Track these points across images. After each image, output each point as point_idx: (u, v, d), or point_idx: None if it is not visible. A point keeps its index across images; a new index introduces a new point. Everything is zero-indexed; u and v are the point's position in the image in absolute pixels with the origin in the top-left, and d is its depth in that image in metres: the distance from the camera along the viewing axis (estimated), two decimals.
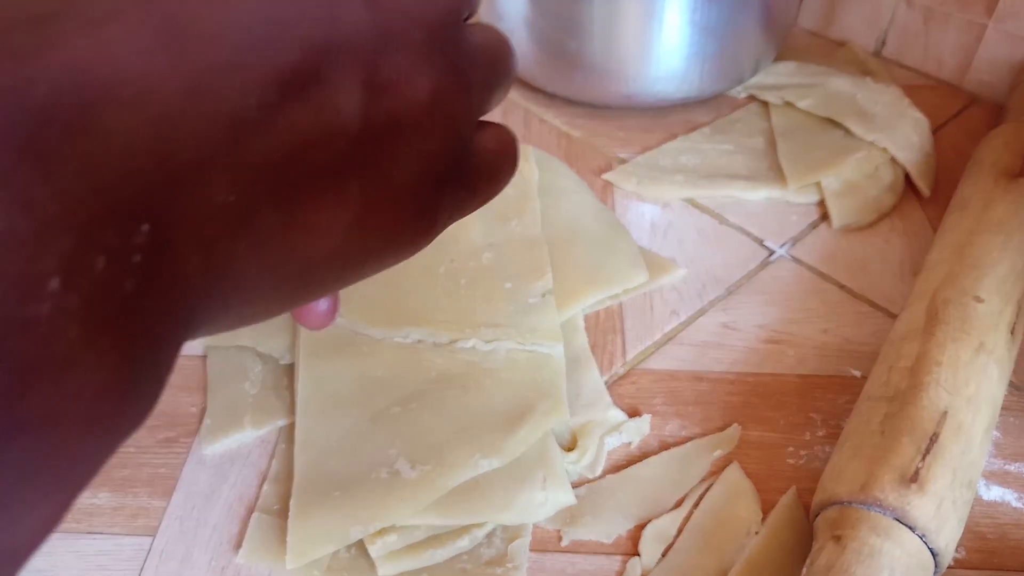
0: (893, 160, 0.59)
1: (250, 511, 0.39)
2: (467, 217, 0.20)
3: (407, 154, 0.16)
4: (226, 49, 0.13)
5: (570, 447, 0.41)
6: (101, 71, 0.11)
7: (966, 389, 0.37)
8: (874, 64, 0.72)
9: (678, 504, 0.39)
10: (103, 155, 0.11)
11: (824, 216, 0.56)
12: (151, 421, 0.42)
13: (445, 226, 0.19)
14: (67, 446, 0.11)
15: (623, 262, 0.50)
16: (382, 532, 0.36)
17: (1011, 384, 0.43)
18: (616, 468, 0.40)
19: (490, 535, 0.37)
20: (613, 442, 0.41)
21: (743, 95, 0.68)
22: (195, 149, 0.12)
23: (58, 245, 0.11)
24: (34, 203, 0.10)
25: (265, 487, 0.39)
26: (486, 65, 0.18)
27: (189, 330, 0.14)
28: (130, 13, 0.12)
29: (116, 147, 0.11)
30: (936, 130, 0.64)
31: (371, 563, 0.36)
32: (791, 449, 0.41)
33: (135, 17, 0.12)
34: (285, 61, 0.13)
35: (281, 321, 0.46)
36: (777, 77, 0.68)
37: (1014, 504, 0.39)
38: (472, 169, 0.18)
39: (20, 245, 0.10)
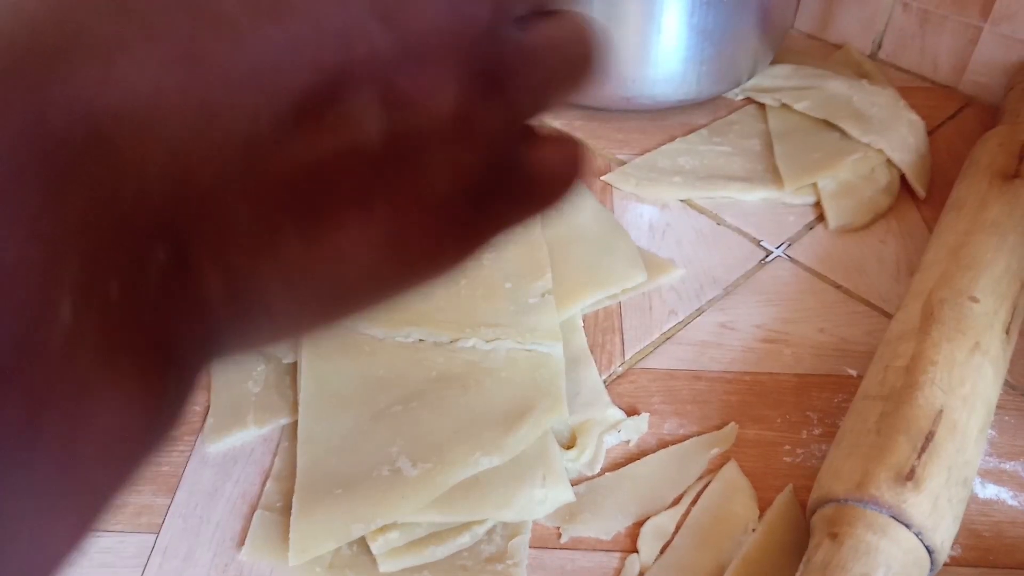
0: (889, 161, 0.59)
1: (253, 508, 0.39)
2: None
3: (436, 170, 0.15)
4: (237, 74, 0.12)
5: (569, 445, 0.41)
6: (112, 98, 0.11)
7: (961, 388, 0.37)
8: (870, 66, 0.72)
9: (676, 501, 0.39)
10: (115, 180, 0.11)
11: (820, 217, 0.57)
12: None
13: (494, 239, 0.18)
14: (84, 471, 0.11)
15: (622, 262, 0.51)
16: (384, 529, 0.36)
17: (1006, 383, 0.44)
18: (615, 466, 0.41)
19: (490, 532, 0.37)
20: (612, 440, 0.42)
21: (740, 97, 0.68)
22: (210, 173, 0.12)
23: (68, 271, 0.10)
24: (44, 229, 0.10)
25: (268, 485, 0.40)
26: (537, 68, 0.17)
27: (213, 351, 0.14)
28: (138, 44, 0.12)
29: (128, 172, 0.11)
30: (932, 132, 0.64)
31: (373, 560, 0.36)
32: (788, 447, 0.41)
33: (143, 47, 0.12)
34: (298, 84, 0.13)
35: None
36: (774, 79, 0.68)
37: (1009, 502, 0.39)
38: (522, 182, 0.17)
39: (29, 271, 0.10)
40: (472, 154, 0.16)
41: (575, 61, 0.17)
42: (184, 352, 0.13)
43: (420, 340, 0.45)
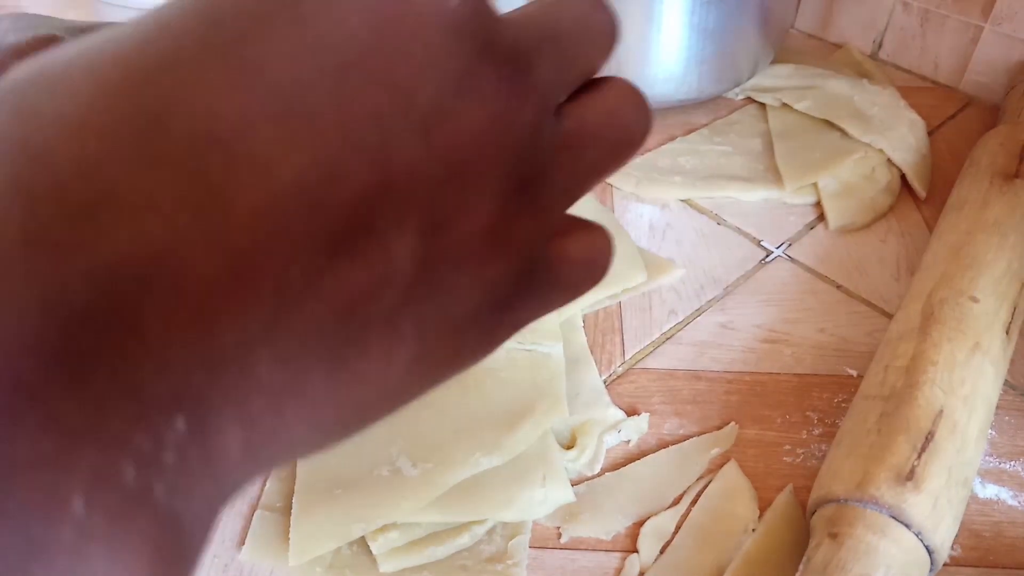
0: (889, 161, 0.59)
1: (253, 509, 0.39)
2: None
3: (466, 286, 0.14)
4: (270, 217, 0.11)
5: (569, 445, 0.41)
6: (140, 263, 0.10)
7: (961, 388, 0.37)
8: (871, 66, 0.72)
9: (676, 501, 0.39)
10: (139, 354, 0.10)
11: (821, 217, 0.57)
12: None
13: (512, 336, 0.17)
14: None
15: (622, 262, 0.51)
16: (384, 529, 0.36)
17: (1006, 383, 0.44)
18: (615, 466, 0.41)
19: (490, 532, 0.37)
20: (612, 440, 0.42)
21: (741, 97, 0.68)
22: (236, 331, 0.11)
23: (83, 461, 0.10)
24: (59, 417, 0.09)
25: (268, 485, 0.40)
26: (579, 161, 0.15)
27: (226, 502, 0.13)
28: (167, 198, 0.11)
29: (152, 344, 0.10)
30: (932, 131, 0.64)
31: (373, 560, 0.36)
32: (788, 447, 0.41)
33: (172, 202, 0.11)
34: (333, 219, 0.12)
35: None
36: (775, 79, 0.68)
37: (1009, 502, 0.39)
38: (547, 280, 0.16)
39: (41, 466, 0.09)
40: (503, 267, 0.15)
41: (619, 142, 0.16)
42: (198, 521, 0.12)
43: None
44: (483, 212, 0.14)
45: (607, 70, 0.17)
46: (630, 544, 0.38)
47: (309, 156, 0.11)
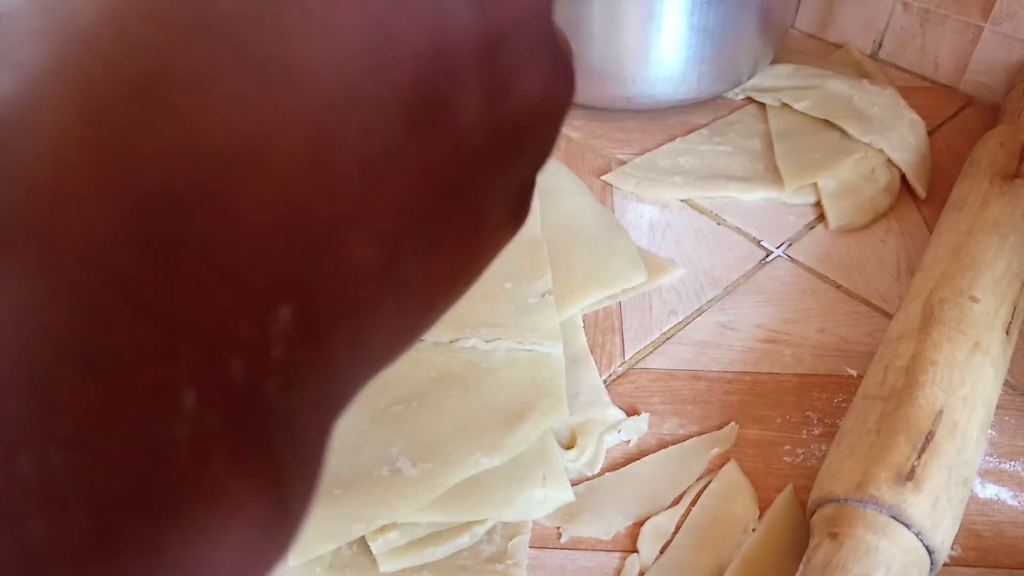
0: (889, 161, 0.59)
1: None
2: None
3: (523, 159, 0.14)
4: (340, 84, 0.11)
5: (569, 445, 0.41)
6: (215, 138, 0.10)
7: (961, 388, 0.37)
8: (871, 66, 0.72)
9: (676, 501, 0.39)
10: (229, 236, 0.10)
11: (821, 217, 0.57)
12: None
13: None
14: None
15: (622, 262, 0.51)
16: (384, 529, 0.36)
17: (1006, 383, 0.44)
18: (615, 466, 0.41)
19: (490, 532, 0.37)
20: (612, 440, 0.42)
21: (741, 97, 0.68)
22: (327, 208, 0.11)
23: (189, 351, 0.09)
24: (156, 305, 0.09)
25: None
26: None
27: (336, 416, 0.12)
28: (231, 68, 0.10)
29: (243, 223, 0.10)
30: (932, 131, 0.64)
31: (373, 560, 0.36)
32: (788, 447, 0.41)
33: (237, 71, 0.10)
34: (399, 82, 0.11)
35: None
36: (774, 79, 0.68)
37: (1009, 502, 0.39)
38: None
39: (145, 357, 0.09)
40: (551, 139, 0.15)
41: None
42: (311, 432, 0.11)
43: (420, 340, 0.45)
44: (536, 77, 0.14)
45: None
46: (630, 544, 0.38)
47: (362, 14, 0.11)
